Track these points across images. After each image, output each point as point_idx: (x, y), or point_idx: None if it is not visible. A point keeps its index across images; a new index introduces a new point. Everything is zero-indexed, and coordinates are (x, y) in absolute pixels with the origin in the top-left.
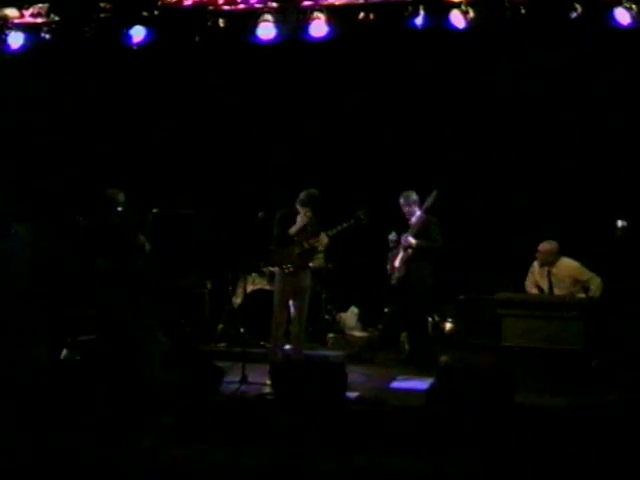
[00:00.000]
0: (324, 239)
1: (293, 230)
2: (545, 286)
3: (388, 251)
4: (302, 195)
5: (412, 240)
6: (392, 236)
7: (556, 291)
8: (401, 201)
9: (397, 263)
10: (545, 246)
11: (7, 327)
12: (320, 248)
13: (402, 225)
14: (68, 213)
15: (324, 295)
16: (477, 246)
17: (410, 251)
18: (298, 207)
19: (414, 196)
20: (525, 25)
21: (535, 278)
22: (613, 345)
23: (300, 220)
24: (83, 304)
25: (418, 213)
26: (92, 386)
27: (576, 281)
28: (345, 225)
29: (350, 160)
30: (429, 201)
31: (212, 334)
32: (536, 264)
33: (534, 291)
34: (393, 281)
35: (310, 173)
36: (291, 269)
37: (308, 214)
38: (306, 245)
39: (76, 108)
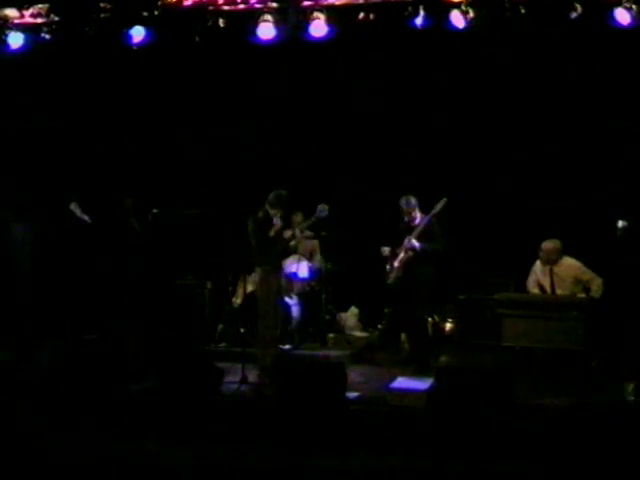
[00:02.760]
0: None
1: (273, 232)
2: (547, 285)
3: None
4: (271, 196)
5: (416, 243)
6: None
7: (558, 290)
8: (402, 205)
9: (397, 263)
10: (548, 245)
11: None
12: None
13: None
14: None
15: (324, 295)
16: (477, 246)
17: (411, 253)
18: (268, 208)
19: (414, 200)
20: (525, 25)
21: (538, 277)
22: (613, 345)
23: (277, 221)
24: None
25: (419, 215)
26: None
27: (577, 281)
28: (313, 220)
29: (350, 160)
30: (437, 208)
31: (212, 334)
32: (538, 263)
33: (536, 290)
34: (390, 280)
35: (309, 172)
36: (276, 268)
37: (280, 214)
38: (284, 244)
39: (76, 108)
